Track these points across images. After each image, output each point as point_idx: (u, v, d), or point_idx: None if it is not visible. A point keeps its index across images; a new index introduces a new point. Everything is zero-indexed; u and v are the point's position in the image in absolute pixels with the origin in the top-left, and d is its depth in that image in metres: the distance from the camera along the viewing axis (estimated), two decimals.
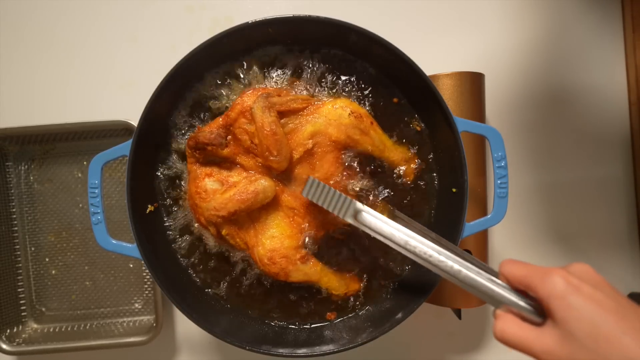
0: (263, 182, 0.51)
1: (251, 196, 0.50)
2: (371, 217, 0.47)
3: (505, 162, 0.51)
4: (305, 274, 0.53)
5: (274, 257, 0.52)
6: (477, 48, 0.68)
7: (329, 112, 0.52)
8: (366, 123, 0.53)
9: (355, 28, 0.50)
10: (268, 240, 0.52)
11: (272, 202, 0.52)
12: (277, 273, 0.52)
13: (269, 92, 0.52)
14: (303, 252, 0.53)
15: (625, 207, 0.69)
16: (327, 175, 0.53)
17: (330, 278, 0.55)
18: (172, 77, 0.51)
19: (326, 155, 0.53)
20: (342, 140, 0.52)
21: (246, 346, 0.51)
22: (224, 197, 0.51)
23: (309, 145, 0.52)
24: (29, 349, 0.62)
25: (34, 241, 0.67)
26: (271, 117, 0.49)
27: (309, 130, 0.52)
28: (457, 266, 0.41)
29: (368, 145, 0.53)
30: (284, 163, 0.50)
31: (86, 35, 0.68)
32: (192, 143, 0.52)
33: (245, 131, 0.51)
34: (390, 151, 0.55)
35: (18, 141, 0.65)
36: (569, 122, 0.68)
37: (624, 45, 0.68)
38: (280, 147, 0.49)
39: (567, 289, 0.33)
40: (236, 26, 0.51)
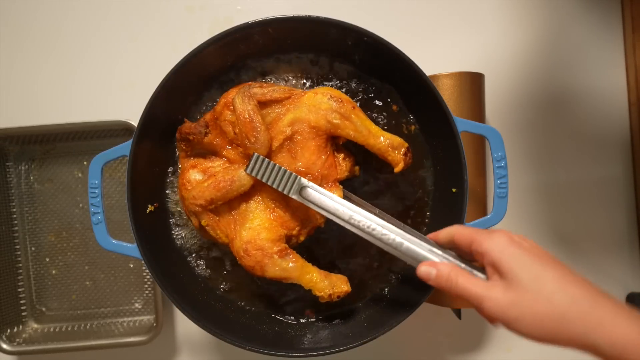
0: (240, 171, 0.50)
1: (227, 184, 0.50)
2: (315, 192, 0.49)
3: (505, 162, 0.51)
4: (283, 269, 0.50)
5: (249, 248, 0.50)
6: (477, 48, 0.68)
7: (309, 98, 0.51)
8: (347, 107, 0.51)
9: (355, 28, 0.51)
10: (245, 232, 0.51)
11: (253, 194, 0.52)
12: (252, 266, 0.50)
13: (251, 84, 0.53)
14: (282, 245, 0.51)
15: (625, 208, 0.69)
16: (309, 164, 0.51)
17: (314, 276, 0.52)
18: (172, 77, 0.51)
19: (307, 143, 0.51)
20: (322, 125, 0.50)
21: (246, 346, 0.51)
22: (202, 185, 0.51)
23: (288, 132, 0.51)
24: (29, 348, 0.62)
25: (34, 241, 0.67)
26: (250, 105, 0.50)
27: (289, 117, 0.51)
28: (399, 239, 0.44)
29: (350, 131, 0.51)
30: (262, 150, 0.50)
31: (86, 36, 0.68)
32: (178, 135, 0.52)
33: (229, 122, 0.51)
34: (375, 137, 0.52)
35: (18, 141, 0.65)
36: (569, 122, 0.69)
37: (624, 45, 0.68)
38: (257, 133, 0.49)
39: (511, 242, 0.37)
40: (236, 26, 0.51)
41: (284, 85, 0.54)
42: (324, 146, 0.51)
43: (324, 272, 0.52)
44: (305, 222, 0.52)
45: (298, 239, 0.53)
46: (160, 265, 0.53)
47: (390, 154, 0.52)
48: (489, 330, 0.69)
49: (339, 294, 0.51)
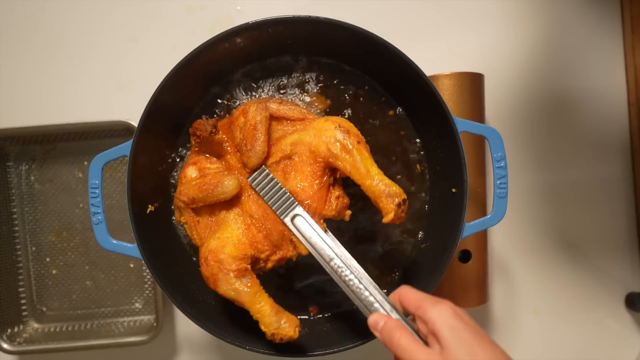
0: (228, 178, 0.50)
1: (210, 187, 0.49)
2: (307, 224, 0.48)
3: (505, 162, 0.51)
4: (235, 290, 0.47)
5: (209, 258, 0.48)
6: (477, 49, 0.68)
7: (318, 123, 0.50)
8: (351, 140, 0.48)
9: (355, 28, 0.51)
10: (213, 241, 0.50)
11: (236, 205, 0.51)
12: (207, 277, 0.49)
13: (272, 99, 0.53)
14: (242, 265, 0.48)
15: (625, 208, 0.69)
16: (299, 188, 0.49)
17: (264, 308, 0.48)
18: (173, 77, 0.51)
19: (303, 167, 0.49)
20: (320, 152, 0.48)
21: (246, 346, 0.51)
22: (190, 183, 0.51)
23: (287, 151, 0.50)
24: (30, 348, 0.62)
25: (34, 241, 0.67)
26: (260, 115, 0.50)
27: (293, 137, 0.51)
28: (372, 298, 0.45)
29: (347, 165, 0.48)
30: (253, 159, 0.50)
31: (87, 36, 0.68)
32: (190, 129, 0.52)
33: (239, 128, 0.51)
34: (372, 179, 0.47)
35: (19, 141, 0.65)
36: (568, 123, 0.69)
37: (623, 46, 0.68)
38: (255, 142, 0.49)
39: (454, 315, 0.39)
40: (236, 27, 0.51)
41: (301, 107, 0.54)
42: (319, 175, 0.49)
43: (278, 307, 0.49)
44: (277, 249, 0.50)
45: (266, 264, 0.51)
46: (161, 265, 0.53)
47: (382, 201, 0.47)
48: (489, 330, 0.69)
49: (282, 336, 0.48)
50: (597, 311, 0.69)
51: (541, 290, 0.69)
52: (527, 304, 0.69)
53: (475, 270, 0.62)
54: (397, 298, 0.43)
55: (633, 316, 0.69)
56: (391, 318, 0.42)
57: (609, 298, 0.69)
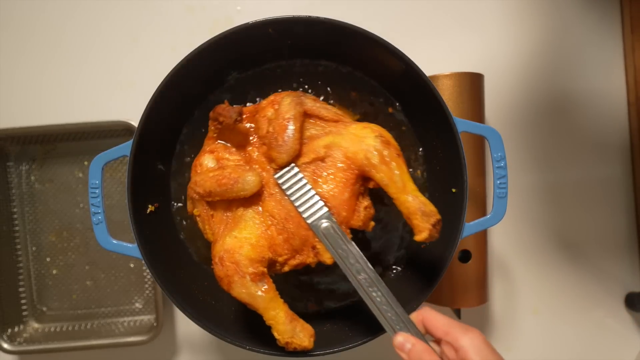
0: (249, 174, 0.47)
1: (229, 182, 0.46)
2: (336, 233, 0.46)
3: (505, 162, 0.51)
4: (250, 294, 0.45)
5: (225, 258, 0.46)
6: (477, 49, 0.68)
7: (356, 129, 0.48)
8: (391, 152, 0.46)
9: (355, 29, 0.51)
10: (229, 239, 0.47)
11: (254, 202, 0.48)
12: (221, 278, 0.46)
13: (306, 94, 0.51)
14: (260, 268, 0.46)
15: (624, 208, 0.69)
16: (330, 194, 0.47)
17: (279, 315, 0.46)
18: (173, 77, 0.51)
19: (336, 172, 0.47)
20: (358, 160, 0.46)
21: (247, 346, 0.51)
22: (207, 174, 0.48)
23: (321, 154, 0.47)
24: (31, 348, 0.63)
25: (35, 241, 0.67)
26: (294, 111, 0.47)
27: (328, 139, 0.48)
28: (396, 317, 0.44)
29: (385, 177, 0.46)
30: (283, 156, 0.47)
31: (87, 36, 0.68)
32: (212, 113, 0.49)
33: (266, 119, 0.49)
34: (408, 194, 0.46)
35: (19, 141, 0.65)
36: (568, 122, 0.69)
37: (623, 46, 0.68)
38: (286, 139, 0.46)
39: (487, 345, 0.39)
40: (236, 27, 0.51)
41: (335, 108, 0.52)
42: (352, 183, 0.47)
43: (292, 314, 0.47)
44: (296, 254, 0.48)
45: (282, 268, 0.49)
46: (161, 265, 0.53)
47: (417, 218, 0.46)
48: (488, 330, 0.69)
49: (296, 346, 0.47)
50: (597, 311, 0.69)
51: (541, 290, 0.69)
52: (526, 304, 0.69)
53: (475, 270, 0.62)
54: (420, 319, 0.43)
55: (633, 316, 0.69)
56: (420, 341, 0.41)
57: (609, 298, 0.69)
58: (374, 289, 0.45)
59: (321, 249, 0.47)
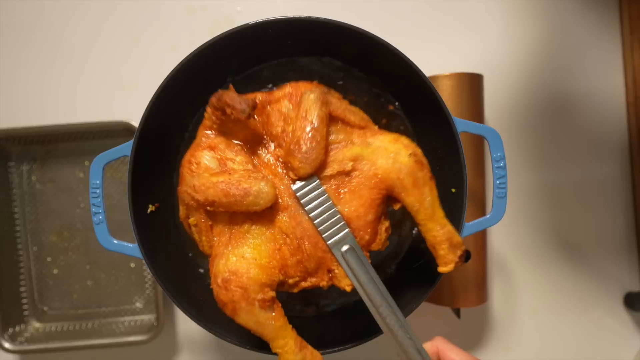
0: (262, 185, 0.40)
1: (239, 193, 0.40)
2: (358, 260, 0.42)
3: (504, 162, 0.51)
4: (257, 323, 0.41)
5: (231, 281, 0.40)
6: (476, 49, 0.68)
7: (388, 142, 0.43)
8: (425, 174, 0.42)
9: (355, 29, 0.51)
10: (235, 258, 0.41)
11: (265, 216, 0.42)
12: (224, 303, 0.41)
13: (332, 91, 0.44)
14: (269, 294, 0.41)
15: (623, 208, 0.69)
16: (352, 215, 0.42)
17: (288, 345, 0.42)
18: (173, 78, 0.51)
19: (362, 190, 0.42)
20: (388, 179, 0.41)
21: (247, 346, 0.51)
22: (210, 179, 0.41)
23: (348, 167, 0.42)
24: (32, 347, 0.63)
25: (36, 241, 0.67)
26: (321, 111, 0.41)
27: (355, 151, 0.42)
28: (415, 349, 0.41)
29: (416, 202, 0.42)
30: (306, 167, 0.41)
31: (88, 36, 0.68)
32: (214, 100, 0.42)
33: (282, 115, 0.42)
34: (437, 222, 0.43)
35: (20, 141, 0.66)
36: (567, 123, 0.69)
37: (622, 46, 0.68)
38: (312, 146, 0.40)
39: None
40: (236, 27, 0.51)
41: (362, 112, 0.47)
42: (378, 204, 0.42)
43: (301, 341, 0.43)
44: (309, 277, 0.44)
45: (291, 289, 0.45)
46: (161, 265, 0.53)
47: (444, 249, 0.43)
48: (488, 330, 0.69)
49: None
50: (596, 311, 0.69)
51: (540, 290, 0.69)
52: (526, 304, 0.69)
53: (475, 270, 0.62)
54: (435, 350, 0.42)
55: (631, 316, 0.69)
56: None
57: (608, 297, 0.69)
58: (394, 322, 0.42)
59: (339, 274, 0.43)
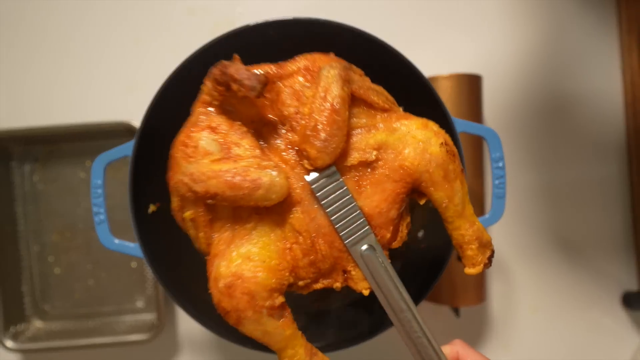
0: (273, 175, 0.34)
1: (247, 185, 0.33)
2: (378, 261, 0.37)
3: (503, 162, 0.51)
4: (265, 332, 0.36)
5: (235, 287, 0.34)
6: (475, 50, 0.69)
7: (413, 127, 0.38)
8: (457, 167, 0.38)
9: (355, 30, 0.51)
10: (240, 259, 0.35)
11: (274, 211, 0.37)
12: (227, 312, 0.36)
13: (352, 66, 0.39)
14: (278, 300, 0.36)
15: (621, 207, 0.69)
16: (373, 210, 0.37)
17: (298, 354, 0.37)
18: (174, 78, 0.51)
19: (385, 184, 0.37)
20: (416, 172, 0.37)
21: (248, 345, 0.52)
22: (212, 168, 0.34)
23: (371, 158, 0.37)
24: (34, 346, 0.63)
25: (37, 240, 0.67)
26: (343, 92, 0.35)
27: (379, 138, 0.37)
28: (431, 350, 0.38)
29: (445, 198, 0.37)
30: (325, 157, 0.35)
31: (89, 37, 0.68)
32: (217, 72, 0.35)
33: (295, 93, 0.37)
34: (466, 220, 0.38)
35: (22, 142, 0.66)
36: (566, 123, 0.69)
37: (620, 47, 0.69)
38: (332, 132, 0.34)
39: None
40: (237, 28, 0.51)
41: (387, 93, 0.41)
42: (401, 199, 0.37)
43: (311, 348, 0.39)
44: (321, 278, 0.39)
45: (300, 290, 0.40)
46: (162, 264, 0.53)
47: (473, 249, 0.39)
48: (487, 328, 0.69)
49: None
50: (594, 310, 0.69)
51: (538, 289, 0.69)
52: (524, 303, 0.69)
53: None
54: (454, 356, 0.39)
55: (629, 315, 0.69)
56: None
57: (606, 297, 0.69)
58: (416, 329, 0.38)
59: (356, 277, 0.38)
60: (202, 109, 0.38)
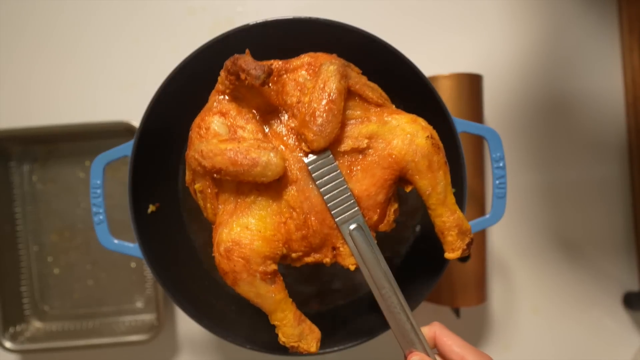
0: (271, 156, 0.39)
1: (247, 163, 0.39)
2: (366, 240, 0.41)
3: (504, 162, 0.51)
4: (258, 295, 0.41)
5: (233, 251, 0.40)
6: (476, 50, 0.69)
7: (406, 121, 0.42)
8: (440, 158, 0.42)
9: (355, 30, 0.51)
10: (239, 228, 0.40)
11: (272, 188, 0.42)
12: (226, 272, 0.40)
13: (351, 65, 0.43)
14: (271, 267, 0.40)
15: (622, 207, 0.69)
16: (363, 193, 0.41)
17: (286, 318, 0.42)
18: (174, 78, 0.51)
19: (374, 170, 0.41)
20: (403, 161, 0.41)
21: (247, 345, 0.52)
22: (218, 146, 0.40)
23: (362, 145, 0.41)
24: (33, 347, 0.63)
25: (37, 240, 0.67)
26: (340, 85, 0.40)
27: (371, 128, 0.41)
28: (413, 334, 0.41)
29: (428, 186, 0.41)
30: (320, 140, 0.40)
31: (89, 37, 0.68)
32: (229, 63, 0.41)
33: (298, 85, 0.42)
34: (447, 208, 0.42)
35: (21, 142, 0.66)
36: (566, 123, 0.69)
37: (621, 46, 0.69)
38: (327, 119, 0.39)
39: None
40: (237, 28, 0.51)
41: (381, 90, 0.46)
42: (389, 185, 0.42)
43: (300, 315, 0.43)
44: (312, 252, 0.43)
45: (294, 262, 0.44)
46: (162, 265, 0.53)
47: (452, 235, 0.43)
48: (487, 329, 0.69)
49: (301, 350, 0.43)
50: (595, 310, 0.69)
51: (539, 290, 0.69)
52: (525, 303, 0.69)
53: (474, 269, 0.62)
54: (432, 335, 0.41)
55: (630, 315, 0.69)
56: None
57: (607, 297, 0.69)
58: (395, 304, 0.41)
59: (344, 253, 0.42)
60: (216, 96, 0.43)
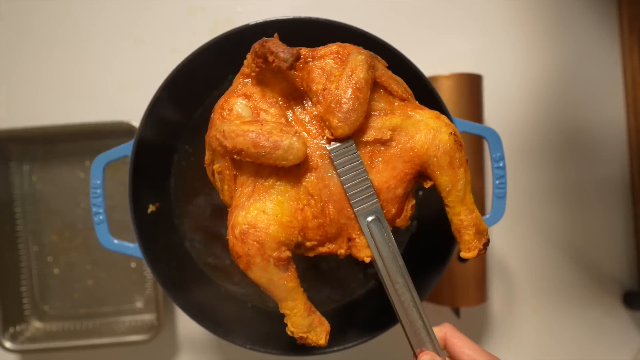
0: (293, 140, 0.38)
1: (269, 145, 0.38)
2: (383, 233, 0.41)
3: (504, 162, 0.51)
4: (269, 281, 0.40)
5: (248, 234, 0.39)
6: (476, 50, 0.69)
7: (430, 117, 0.41)
8: (462, 156, 0.41)
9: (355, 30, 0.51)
10: (255, 211, 0.39)
11: (292, 173, 0.41)
12: (239, 256, 0.40)
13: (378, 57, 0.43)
14: (285, 253, 0.40)
15: (622, 207, 0.69)
16: (383, 185, 0.41)
17: (297, 307, 0.41)
18: (173, 78, 0.51)
19: (395, 162, 0.41)
20: (424, 155, 0.41)
21: (247, 345, 0.52)
22: (240, 127, 0.39)
23: (385, 137, 0.41)
24: (33, 347, 0.63)
25: (37, 241, 0.67)
26: (367, 74, 0.40)
27: (395, 121, 0.41)
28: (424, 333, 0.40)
29: (449, 183, 0.41)
30: (345, 127, 0.39)
31: (88, 37, 0.68)
32: (257, 46, 0.41)
33: (325, 72, 0.41)
34: (465, 206, 0.42)
35: (21, 142, 0.66)
36: (566, 123, 0.69)
37: (621, 47, 0.69)
38: (353, 106, 0.39)
39: None
40: (236, 28, 0.51)
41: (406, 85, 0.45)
42: (409, 179, 0.41)
43: (310, 306, 0.43)
44: (327, 242, 0.42)
45: (307, 252, 0.43)
46: (161, 265, 0.53)
47: (469, 235, 0.42)
48: (487, 329, 0.69)
49: (310, 342, 0.42)
50: (595, 310, 0.69)
51: (539, 290, 0.69)
52: (525, 303, 0.69)
53: (474, 269, 0.62)
54: (442, 336, 0.41)
55: (630, 315, 0.69)
56: None
57: (607, 297, 0.69)
58: (408, 300, 0.41)
59: (360, 244, 0.41)
60: (241, 79, 0.43)
